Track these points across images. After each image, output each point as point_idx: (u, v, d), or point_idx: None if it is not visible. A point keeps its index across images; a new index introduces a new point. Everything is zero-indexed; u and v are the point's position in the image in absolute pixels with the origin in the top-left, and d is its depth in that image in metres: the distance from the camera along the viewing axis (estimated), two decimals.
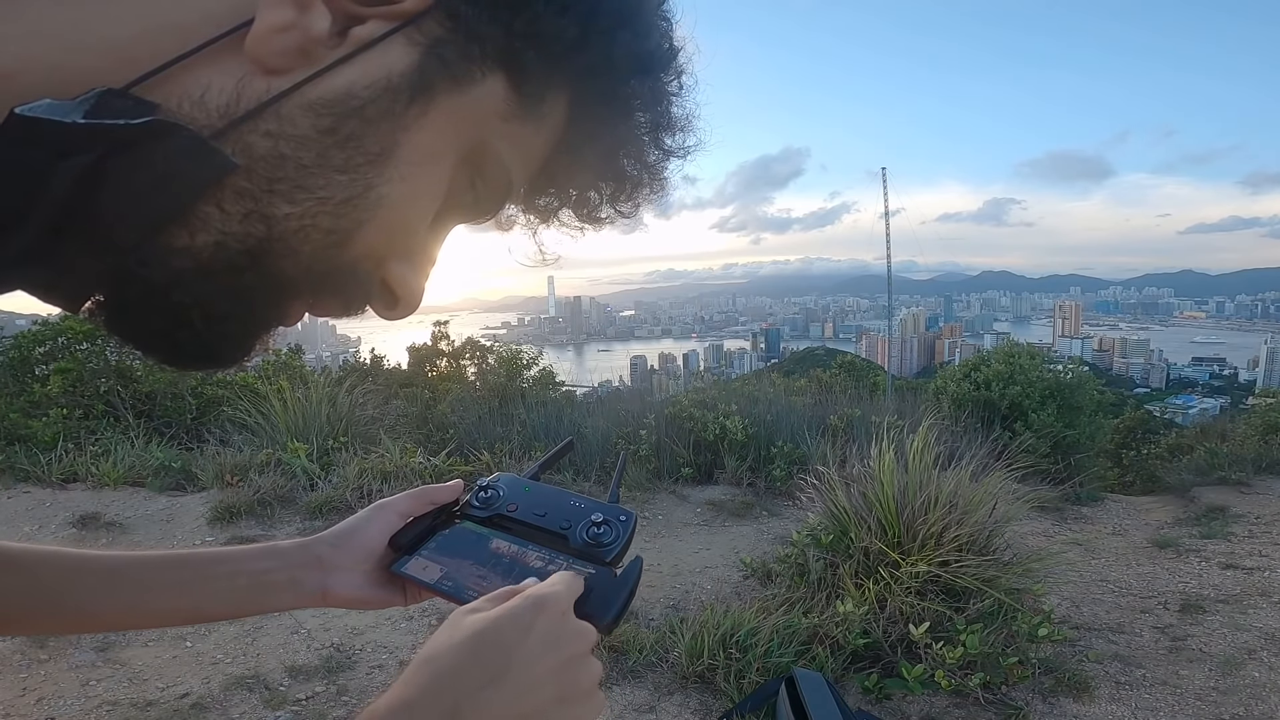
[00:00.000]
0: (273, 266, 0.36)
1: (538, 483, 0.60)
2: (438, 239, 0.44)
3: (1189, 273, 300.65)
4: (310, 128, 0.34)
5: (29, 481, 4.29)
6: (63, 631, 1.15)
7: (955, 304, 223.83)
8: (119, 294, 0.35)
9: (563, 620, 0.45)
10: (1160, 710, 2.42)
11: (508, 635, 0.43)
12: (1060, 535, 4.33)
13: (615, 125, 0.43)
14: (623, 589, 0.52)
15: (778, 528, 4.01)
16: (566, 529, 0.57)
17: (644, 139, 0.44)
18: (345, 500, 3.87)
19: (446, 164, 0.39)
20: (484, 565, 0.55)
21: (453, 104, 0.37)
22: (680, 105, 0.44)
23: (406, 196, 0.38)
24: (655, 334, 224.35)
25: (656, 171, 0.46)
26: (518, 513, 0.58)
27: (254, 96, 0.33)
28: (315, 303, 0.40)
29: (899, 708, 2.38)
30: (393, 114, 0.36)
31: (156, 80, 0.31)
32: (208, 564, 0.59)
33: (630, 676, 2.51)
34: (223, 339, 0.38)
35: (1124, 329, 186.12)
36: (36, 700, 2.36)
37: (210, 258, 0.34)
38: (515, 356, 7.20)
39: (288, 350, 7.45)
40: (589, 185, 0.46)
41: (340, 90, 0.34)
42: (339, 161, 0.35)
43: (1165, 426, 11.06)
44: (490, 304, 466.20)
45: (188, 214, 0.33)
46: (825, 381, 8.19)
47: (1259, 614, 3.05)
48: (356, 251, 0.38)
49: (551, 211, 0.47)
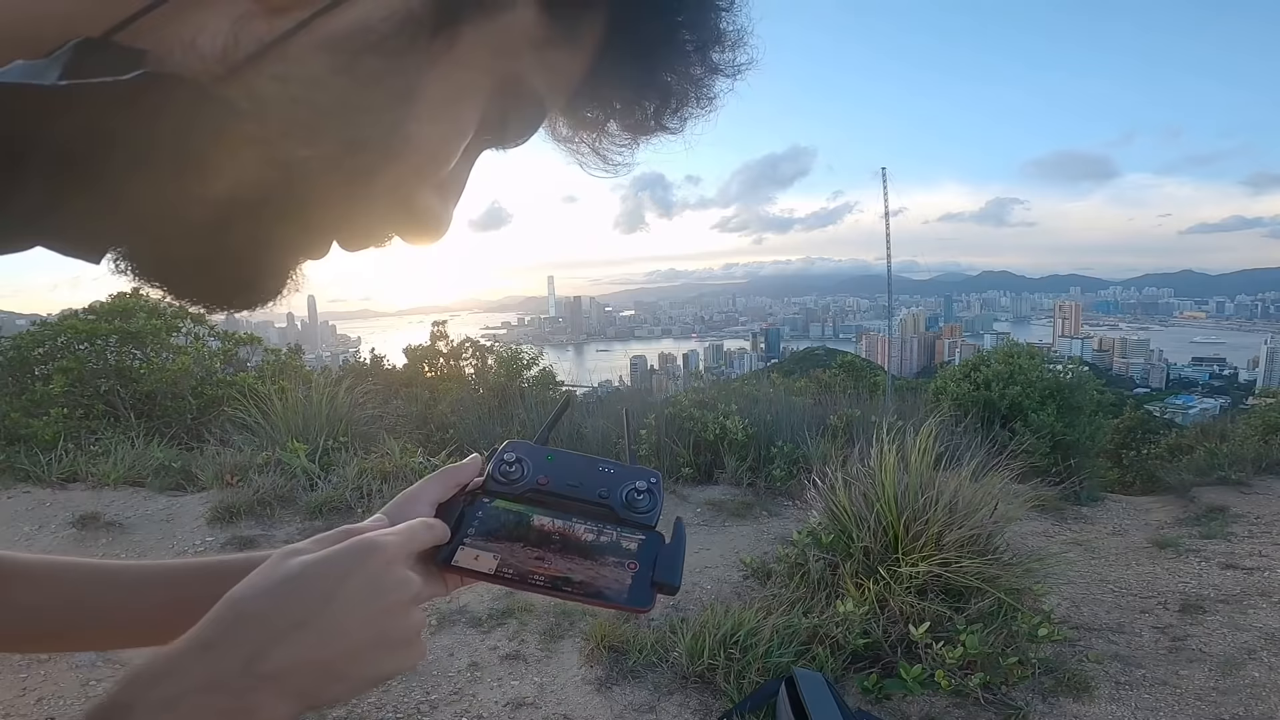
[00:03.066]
0: (294, 207, 0.34)
1: (558, 450, 0.57)
2: (467, 167, 0.41)
3: (1189, 273, 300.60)
4: (324, 68, 0.31)
5: (29, 481, 4.29)
6: (72, 649, 1.10)
7: (955, 304, 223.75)
8: (137, 244, 0.34)
9: (386, 568, 0.43)
10: (1160, 710, 2.42)
11: (325, 581, 0.41)
12: (1060, 535, 4.33)
13: (659, 40, 0.40)
14: (679, 552, 0.52)
15: (778, 528, 4.01)
16: (606, 498, 0.55)
17: (690, 54, 0.41)
18: (345, 500, 3.87)
19: (478, 98, 0.37)
20: (537, 546, 0.52)
21: (481, 33, 0.34)
22: (729, 19, 0.42)
23: (435, 134, 0.36)
24: (655, 334, 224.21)
25: (704, 87, 0.43)
26: (550, 486, 0.55)
27: (255, 38, 0.30)
28: (343, 235, 0.38)
29: (899, 708, 2.38)
30: (415, 48, 0.33)
31: (143, 24, 0.28)
32: (215, 575, 0.56)
33: (630, 676, 2.51)
34: (247, 278, 0.36)
35: (1124, 329, 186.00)
36: (36, 700, 2.36)
37: (227, 204, 0.32)
38: (515, 356, 7.21)
39: (288, 350, 7.45)
40: (634, 99, 0.43)
41: (354, 25, 0.31)
42: (360, 102, 0.32)
43: (1165, 426, 11.06)
44: (490, 304, 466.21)
45: (198, 164, 0.31)
46: (825, 381, 8.20)
47: (1259, 614, 3.05)
48: (383, 187, 0.36)
49: (599, 124, 0.44)
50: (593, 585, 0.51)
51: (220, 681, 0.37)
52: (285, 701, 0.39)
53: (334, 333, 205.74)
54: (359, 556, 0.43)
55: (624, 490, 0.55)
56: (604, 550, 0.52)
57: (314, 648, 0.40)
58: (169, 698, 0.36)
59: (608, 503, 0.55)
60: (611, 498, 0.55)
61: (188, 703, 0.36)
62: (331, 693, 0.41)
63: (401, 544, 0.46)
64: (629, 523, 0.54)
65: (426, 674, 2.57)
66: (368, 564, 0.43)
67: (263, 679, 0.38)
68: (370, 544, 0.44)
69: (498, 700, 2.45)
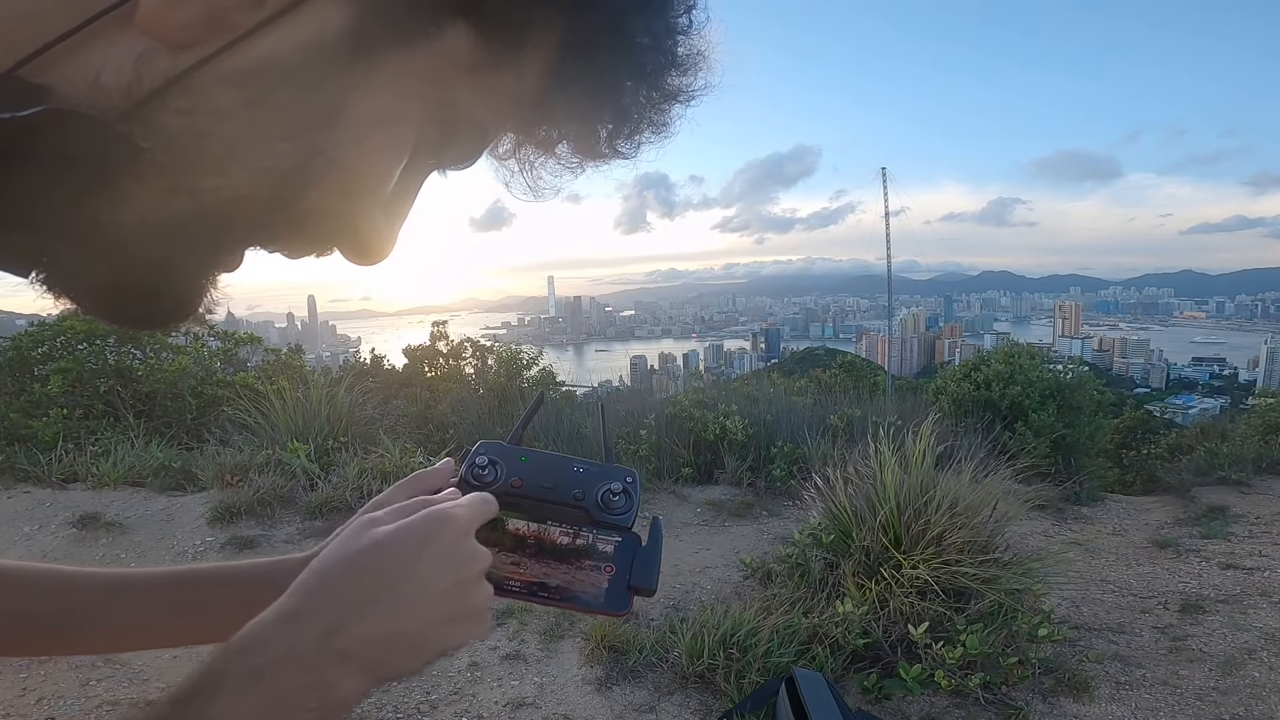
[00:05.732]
0: (206, 233, 0.34)
1: (531, 449, 0.56)
2: (410, 188, 0.41)
3: (1189, 273, 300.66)
4: (233, 100, 0.31)
5: (29, 481, 4.29)
6: (64, 653, 1.11)
7: (955, 304, 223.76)
8: (52, 263, 0.34)
9: (459, 541, 0.44)
10: (1160, 710, 2.41)
11: (404, 552, 0.42)
12: (1060, 535, 4.33)
13: (613, 63, 0.39)
14: (656, 554, 0.52)
15: (778, 528, 4.01)
16: (580, 499, 0.54)
17: (646, 78, 0.40)
18: (345, 500, 3.86)
19: (409, 121, 0.36)
20: (512, 551, 0.52)
21: (405, 62, 0.34)
22: (687, 43, 0.41)
23: (362, 158, 0.35)
24: (655, 334, 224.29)
25: (659, 112, 0.42)
26: (524, 488, 0.54)
27: (158, 75, 0.30)
28: (271, 249, 0.38)
29: (899, 708, 2.38)
30: (332, 77, 0.32)
31: (46, 60, 0.28)
32: (216, 583, 0.57)
33: (630, 676, 2.51)
34: (159, 300, 0.36)
35: (1124, 329, 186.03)
36: (36, 700, 2.36)
37: (137, 229, 0.32)
38: (515, 356, 7.20)
39: (288, 350, 7.45)
40: (587, 122, 0.42)
41: (263, 58, 0.31)
42: (275, 130, 0.32)
43: (1165, 426, 11.05)
44: (490, 304, 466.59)
45: (103, 193, 0.31)
46: (825, 381, 8.19)
47: (1259, 614, 3.05)
48: (308, 209, 0.35)
49: (551, 144, 0.43)
50: (569, 590, 0.51)
51: (299, 655, 0.38)
52: (359, 677, 0.40)
53: (334, 333, 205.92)
54: (434, 528, 0.44)
55: (599, 491, 0.54)
56: (580, 554, 0.52)
57: (390, 622, 0.41)
58: (255, 668, 0.38)
59: (583, 504, 0.54)
60: (586, 499, 0.54)
61: (270, 674, 0.38)
62: (403, 667, 0.42)
63: (472, 516, 0.46)
64: (605, 524, 0.53)
65: (426, 674, 2.56)
66: (442, 536, 0.43)
67: (339, 655, 0.39)
68: (444, 515, 0.44)
69: (498, 700, 2.45)
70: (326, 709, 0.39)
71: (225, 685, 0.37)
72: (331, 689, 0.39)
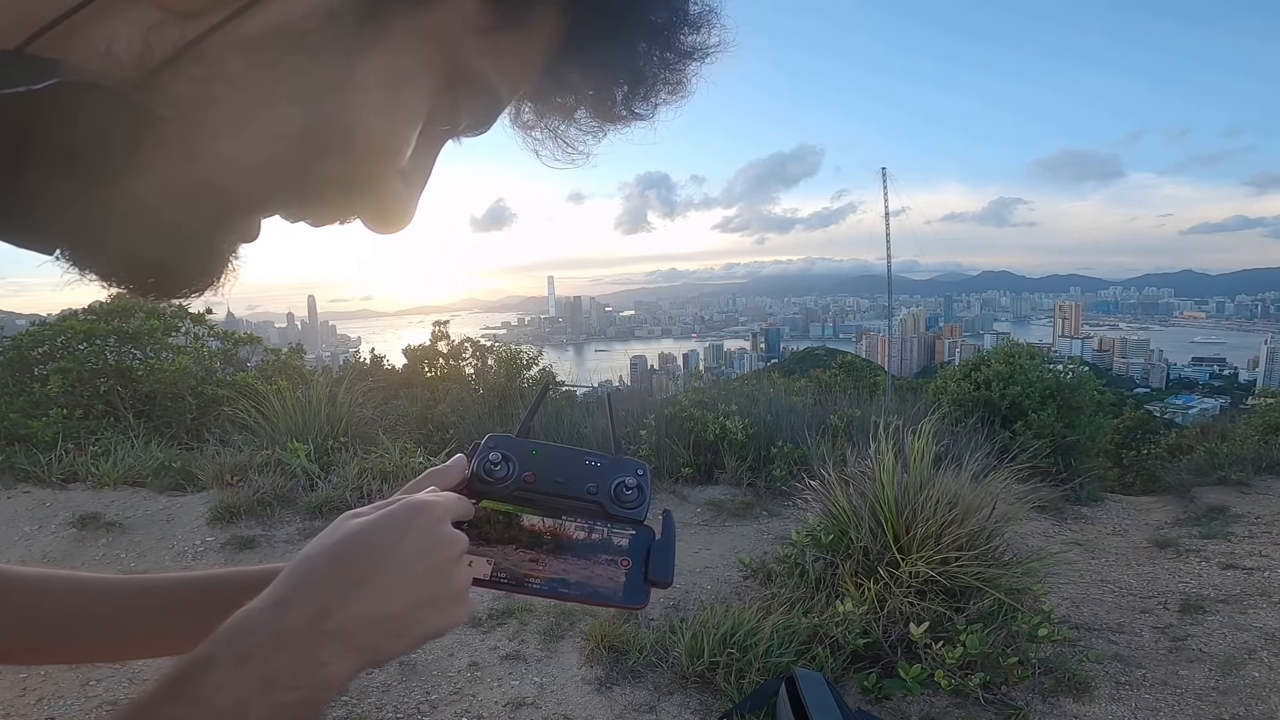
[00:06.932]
0: (225, 196, 0.34)
1: (540, 443, 0.56)
2: (428, 155, 0.41)
3: (1189, 273, 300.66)
4: (244, 66, 0.31)
5: (29, 481, 4.29)
6: (81, 660, 1.11)
7: (955, 304, 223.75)
8: (75, 237, 0.34)
9: (437, 526, 0.46)
10: (1160, 710, 2.42)
11: (384, 537, 0.44)
12: (1060, 535, 4.33)
13: (623, 23, 0.39)
14: (670, 547, 0.53)
15: (778, 528, 4.01)
16: (595, 494, 0.54)
17: (659, 37, 0.40)
18: (345, 500, 3.86)
19: (421, 86, 0.36)
20: (529, 548, 0.52)
21: (413, 24, 0.34)
22: (699, 1, 0.41)
23: (377, 121, 0.35)
24: (655, 334, 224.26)
25: (674, 71, 0.42)
26: (537, 484, 0.54)
27: (168, 44, 0.30)
28: (293, 218, 0.38)
29: (899, 708, 2.38)
30: (341, 41, 0.33)
31: (57, 35, 0.29)
32: (232, 588, 0.56)
33: (630, 676, 2.51)
34: (185, 266, 0.37)
35: (1124, 329, 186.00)
36: (36, 700, 2.36)
37: (157, 198, 0.33)
38: (515, 356, 7.20)
39: (288, 350, 7.45)
40: (602, 83, 0.42)
41: (273, 24, 0.31)
42: (287, 94, 0.32)
43: (1165, 426, 11.05)
44: (490, 304, 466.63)
45: (121, 163, 0.31)
46: (825, 381, 8.19)
47: (1259, 614, 3.05)
48: (325, 175, 0.36)
49: (569, 109, 0.43)
50: (589, 585, 0.51)
51: (289, 637, 0.40)
52: (348, 657, 0.41)
53: (334, 332, 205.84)
54: (412, 515, 0.46)
55: (613, 485, 0.54)
56: (596, 549, 0.52)
57: (375, 604, 0.42)
58: (244, 651, 0.39)
59: (596, 499, 0.54)
60: (600, 493, 0.54)
61: (260, 657, 0.39)
62: (390, 648, 0.44)
63: (448, 505, 0.48)
64: (619, 518, 0.53)
65: (426, 674, 2.57)
66: (419, 521, 0.45)
67: (328, 635, 0.41)
68: (420, 503, 0.47)
69: (498, 700, 2.45)
70: (315, 688, 0.40)
71: (215, 666, 0.38)
72: (320, 668, 0.40)
